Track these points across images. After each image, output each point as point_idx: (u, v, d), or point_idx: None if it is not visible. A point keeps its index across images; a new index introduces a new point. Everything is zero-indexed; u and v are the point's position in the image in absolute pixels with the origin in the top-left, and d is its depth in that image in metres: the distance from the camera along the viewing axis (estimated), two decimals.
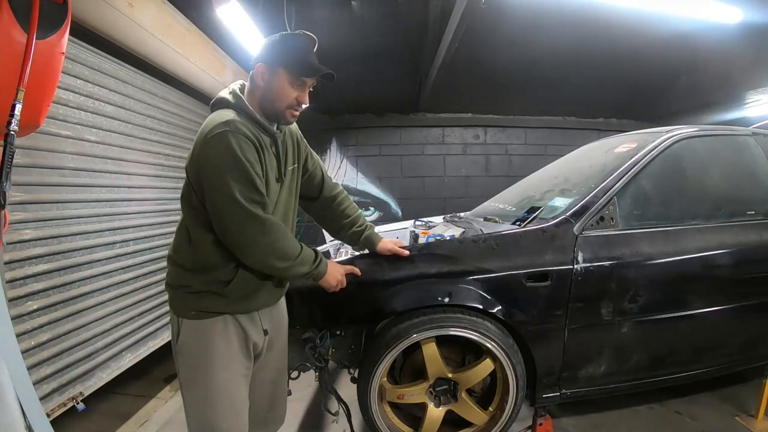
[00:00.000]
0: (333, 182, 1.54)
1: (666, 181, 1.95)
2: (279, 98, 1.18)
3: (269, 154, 1.21)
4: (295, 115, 1.24)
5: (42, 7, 1.23)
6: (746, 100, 3.87)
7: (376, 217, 4.69)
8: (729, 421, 2.07)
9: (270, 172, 1.20)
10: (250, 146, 1.11)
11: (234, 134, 1.09)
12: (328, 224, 1.58)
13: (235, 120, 1.13)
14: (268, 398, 1.41)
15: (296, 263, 1.21)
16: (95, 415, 2.21)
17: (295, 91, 1.19)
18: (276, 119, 1.23)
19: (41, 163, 1.91)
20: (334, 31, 2.88)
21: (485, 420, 1.80)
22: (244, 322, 1.25)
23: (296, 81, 1.18)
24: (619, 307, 1.72)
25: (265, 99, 1.20)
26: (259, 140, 1.16)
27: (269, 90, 1.18)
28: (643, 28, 2.92)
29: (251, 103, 1.20)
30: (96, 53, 2.22)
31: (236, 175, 1.08)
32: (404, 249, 1.64)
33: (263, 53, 1.19)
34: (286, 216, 1.31)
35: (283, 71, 1.17)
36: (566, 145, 3.29)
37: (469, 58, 3.26)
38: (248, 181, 1.10)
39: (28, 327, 1.79)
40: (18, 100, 1.21)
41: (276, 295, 1.36)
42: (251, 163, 1.11)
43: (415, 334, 1.62)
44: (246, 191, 1.09)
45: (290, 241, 1.21)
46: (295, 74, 1.17)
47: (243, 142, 1.10)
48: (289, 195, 1.33)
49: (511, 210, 2.29)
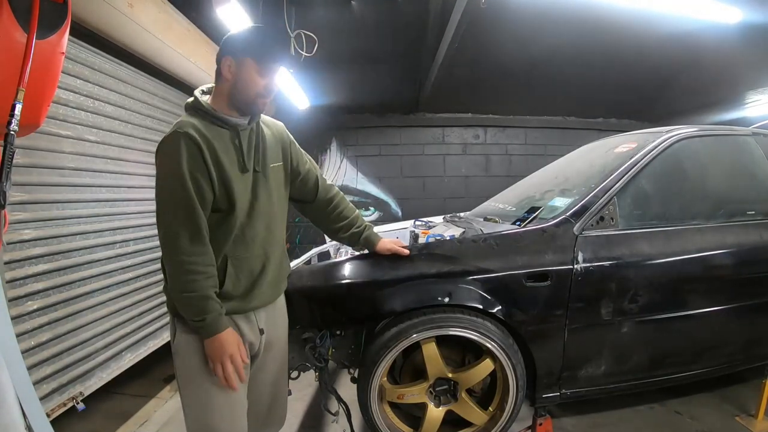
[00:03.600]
0: (328, 184, 1.54)
1: (666, 181, 1.95)
2: (247, 88, 1.20)
3: (229, 147, 1.22)
4: (266, 103, 1.27)
5: (42, 7, 1.23)
6: (746, 100, 3.87)
7: (376, 217, 4.69)
8: (729, 421, 2.07)
9: (231, 166, 1.20)
10: (189, 147, 1.13)
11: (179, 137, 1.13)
12: (326, 226, 1.58)
13: (186, 120, 1.18)
14: (267, 399, 1.41)
15: (185, 299, 1.14)
16: (95, 415, 2.21)
17: (264, 79, 1.21)
18: (247, 110, 1.25)
19: (41, 163, 1.91)
20: (334, 31, 2.88)
21: (485, 420, 1.80)
22: (240, 322, 1.25)
23: (263, 69, 1.21)
24: (619, 307, 1.72)
25: (234, 91, 1.21)
26: (209, 139, 1.17)
27: (237, 81, 1.20)
28: (643, 28, 2.92)
29: (219, 99, 1.23)
30: (96, 53, 2.22)
31: (169, 185, 1.14)
32: (404, 248, 1.64)
33: (229, 46, 1.22)
34: (269, 217, 1.30)
35: (250, 61, 1.19)
36: (566, 145, 3.29)
37: (469, 58, 3.26)
38: (176, 192, 1.13)
39: (28, 327, 1.79)
40: (18, 100, 1.21)
41: (273, 294, 1.35)
42: (190, 166, 1.13)
43: (415, 334, 1.62)
44: (172, 201, 1.14)
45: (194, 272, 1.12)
46: (262, 62, 1.20)
47: (183, 144, 1.13)
48: (271, 194, 1.32)
49: (511, 210, 2.29)
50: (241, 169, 1.23)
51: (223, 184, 1.18)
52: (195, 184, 1.13)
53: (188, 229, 1.13)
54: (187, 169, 1.12)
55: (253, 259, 1.26)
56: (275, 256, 1.33)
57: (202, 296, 1.12)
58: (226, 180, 1.18)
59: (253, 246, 1.26)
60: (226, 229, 1.21)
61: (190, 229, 1.13)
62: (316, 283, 1.68)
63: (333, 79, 3.74)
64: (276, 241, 1.34)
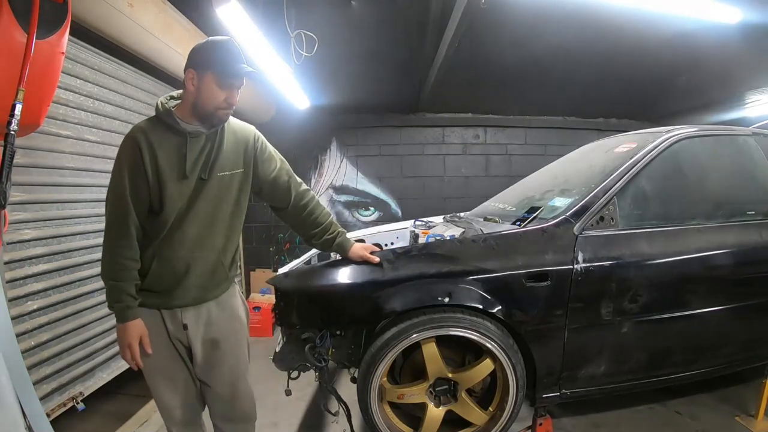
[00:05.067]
0: (303, 189, 1.54)
1: (666, 181, 1.95)
2: (208, 100, 1.26)
3: (172, 153, 1.27)
4: (228, 114, 1.33)
5: (42, 7, 1.23)
6: (746, 100, 3.86)
7: (376, 217, 4.68)
8: (729, 421, 2.07)
9: (169, 171, 1.26)
10: (132, 150, 1.24)
11: (127, 139, 1.25)
12: (303, 232, 1.59)
13: (140, 124, 1.29)
14: (229, 396, 1.45)
15: (108, 285, 1.26)
16: (95, 415, 2.21)
17: (224, 92, 1.27)
18: (207, 120, 1.30)
19: (41, 163, 1.91)
20: (334, 31, 2.88)
21: (485, 420, 1.80)
22: (165, 317, 1.34)
23: (223, 83, 1.26)
24: (619, 307, 1.72)
25: (196, 102, 1.27)
26: (152, 144, 1.24)
27: (199, 94, 1.26)
28: (643, 28, 2.91)
29: (183, 107, 1.30)
30: (96, 53, 2.23)
31: (112, 181, 1.26)
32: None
33: (192, 60, 1.28)
34: (207, 223, 1.34)
35: (210, 75, 1.25)
36: (566, 145, 3.28)
37: (469, 58, 3.25)
38: (115, 189, 1.25)
39: (28, 327, 1.79)
40: (18, 100, 1.21)
41: (200, 296, 1.37)
42: (129, 167, 1.23)
43: (415, 334, 1.63)
44: (111, 195, 1.26)
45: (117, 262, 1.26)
46: (221, 77, 1.26)
47: (128, 146, 1.24)
48: (214, 201, 1.35)
49: (511, 210, 2.29)
50: (178, 176, 1.28)
51: (158, 186, 1.25)
52: (131, 183, 1.23)
53: (118, 222, 1.24)
54: (126, 169, 1.23)
55: (177, 260, 1.31)
56: (206, 261, 1.36)
57: (119, 285, 1.24)
58: (161, 184, 1.25)
59: (180, 248, 1.31)
60: (156, 228, 1.29)
61: (120, 223, 1.24)
62: (316, 283, 1.68)
63: (333, 79, 3.73)
64: (212, 247, 1.37)
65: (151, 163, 1.24)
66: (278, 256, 4.46)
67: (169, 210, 1.27)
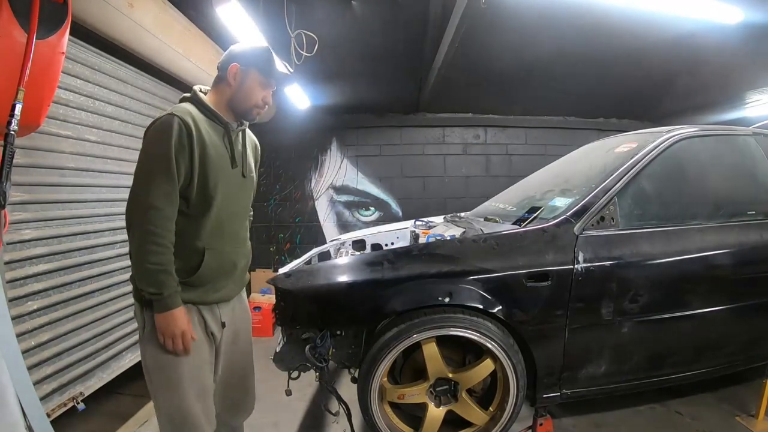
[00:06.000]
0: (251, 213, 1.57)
1: (666, 181, 1.95)
2: (248, 97, 1.29)
3: (219, 142, 1.27)
4: (260, 114, 1.36)
5: (42, 7, 1.23)
6: (746, 100, 3.86)
7: (376, 217, 4.68)
8: (729, 421, 2.07)
9: (219, 160, 1.26)
10: (179, 130, 1.17)
11: (172, 119, 1.17)
12: None
13: (184, 107, 1.23)
14: (239, 390, 1.48)
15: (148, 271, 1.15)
16: (95, 415, 2.21)
17: (263, 92, 1.31)
18: (242, 116, 1.34)
19: (41, 163, 1.91)
20: (335, 31, 2.88)
21: (485, 420, 1.80)
22: (205, 313, 1.29)
23: (265, 83, 1.31)
24: (620, 307, 1.72)
25: (234, 97, 1.29)
26: (200, 129, 1.21)
27: (240, 89, 1.28)
28: (643, 28, 2.91)
29: (218, 100, 1.30)
30: (96, 53, 2.22)
31: (155, 159, 1.17)
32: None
33: (237, 56, 1.29)
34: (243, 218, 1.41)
35: (255, 73, 1.29)
36: (566, 145, 3.28)
37: (469, 58, 3.25)
38: (161, 165, 1.15)
39: (28, 327, 1.79)
40: (18, 100, 1.21)
41: (237, 289, 1.41)
42: (177, 147, 1.16)
43: (415, 334, 1.63)
44: (158, 174, 1.15)
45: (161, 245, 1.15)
46: (265, 77, 1.30)
47: (175, 125, 1.16)
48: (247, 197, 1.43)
49: (512, 210, 2.29)
50: (229, 165, 1.30)
51: (205, 173, 1.21)
52: (177, 165, 1.17)
53: (164, 204, 1.16)
54: (174, 150, 1.16)
55: (226, 254, 1.32)
56: (245, 257, 1.43)
57: (164, 270, 1.15)
58: (208, 170, 1.22)
59: (229, 242, 1.33)
60: (204, 219, 1.24)
61: (166, 205, 1.16)
62: (317, 283, 1.68)
63: (333, 78, 3.73)
64: (246, 243, 1.44)
65: (199, 148, 1.20)
66: (278, 256, 4.46)
67: (219, 198, 1.25)
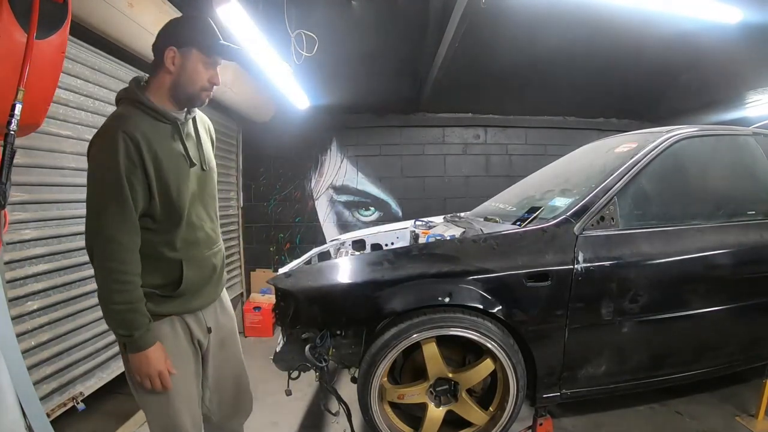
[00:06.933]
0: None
1: (666, 181, 1.95)
2: (192, 81, 1.16)
3: (170, 145, 1.16)
4: (209, 95, 1.22)
5: (42, 7, 1.23)
6: (746, 100, 3.86)
7: (376, 217, 4.68)
8: (729, 421, 2.07)
9: (175, 165, 1.16)
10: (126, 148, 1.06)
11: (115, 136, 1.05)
12: None
13: (125, 114, 1.12)
14: (233, 392, 1.44)
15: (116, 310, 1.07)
16: (95, 415, 2.21)
17: (208, 71, 1.17)
18: (189, 103, 1.20)
19: (41, 163, 1.91)
20: (335, 31, 2.88)
21: (485, 420, 1.79)
22: (189, 321, 1.26)
23: (208, 61, 1.16)
24: (620, 307, 1.72)
25: (177, 83, 1.16)
26: (149, 138, 1.10)
27: (182, 73, 1.15)
28: (643, 28, 2.92)
29: (159, 91, 1.17)
30: (96, 53, 2.22)
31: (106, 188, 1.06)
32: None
33: (170, 37, 1.14)
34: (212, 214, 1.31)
35: (196, 52, 1.14)
36: (566, 145, 3.28)
37: (469, 57, 3.25)
38: (115, 195, 1.05)
39: (28, 327, 1.79)
40: (18, 100, 1.21)
41: (218, 291, 1.36)
42: (127, 167, 1.05)
43: (415, 334, 1.62)
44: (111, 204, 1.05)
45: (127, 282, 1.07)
46: (207, 54, 1.15)
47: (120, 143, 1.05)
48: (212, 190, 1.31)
49: (512, 210, 2.29)
50: (184, 169, 1.19)
51: (163, 186, 1.13)
52: (131, 187, 1.06)
53: (122, 234, 1.06)
54: (125, 170, 1.05)
55: (203, 260, 1.26)
56: (220, 255, 1.35)
57: (131, 309, 1.07)
58: (166, 183, 1.13)
59: (204, 247, 1.26)
60: (174, 232, 1.17)
61: (124, 235, 1.07)
62: (317, 283, 1.68)
63: (333, 79, 3.73)
64: (218, 240, 1.35)
65: (151, 159, 1.09)
66: (278, 256, 4.45)
67: (183, 207, 1.17)
